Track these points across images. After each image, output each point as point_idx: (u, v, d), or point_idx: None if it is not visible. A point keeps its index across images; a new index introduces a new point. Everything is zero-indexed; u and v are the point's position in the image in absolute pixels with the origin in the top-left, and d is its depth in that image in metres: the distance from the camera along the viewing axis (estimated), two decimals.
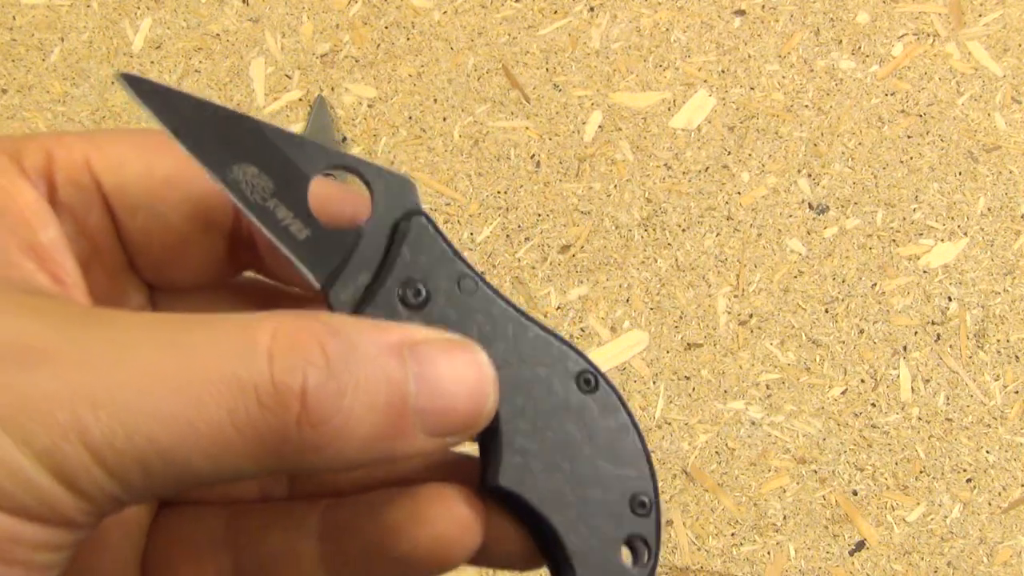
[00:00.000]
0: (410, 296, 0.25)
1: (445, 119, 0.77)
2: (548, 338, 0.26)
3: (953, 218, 0.74)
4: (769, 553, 0.67)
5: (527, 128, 0.77)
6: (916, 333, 0.71)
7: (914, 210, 0.74)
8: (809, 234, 0.74)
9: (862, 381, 0.70)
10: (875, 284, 0.72)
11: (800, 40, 0.79)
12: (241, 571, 0.27)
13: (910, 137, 0.76)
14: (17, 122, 0.77)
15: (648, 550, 0.26)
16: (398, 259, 0.25)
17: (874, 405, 0.70)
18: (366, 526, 0.26)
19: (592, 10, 0.80)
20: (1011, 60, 0.78)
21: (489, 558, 0.26)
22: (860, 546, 0.67)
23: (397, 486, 0.27)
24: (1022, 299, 0.72)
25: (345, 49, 0.79)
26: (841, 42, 0.79)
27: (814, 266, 0.73)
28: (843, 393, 0.70)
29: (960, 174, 0.75)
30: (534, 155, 0.76)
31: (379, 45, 0.79)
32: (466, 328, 0.25)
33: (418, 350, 0.22)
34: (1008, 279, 0.73)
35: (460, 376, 0.23)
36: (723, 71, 0.78)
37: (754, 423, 0.69)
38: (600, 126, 0.77)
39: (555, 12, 0.80)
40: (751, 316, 0.72)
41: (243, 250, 0.27)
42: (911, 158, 0.76)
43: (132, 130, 0.27)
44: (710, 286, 0.72)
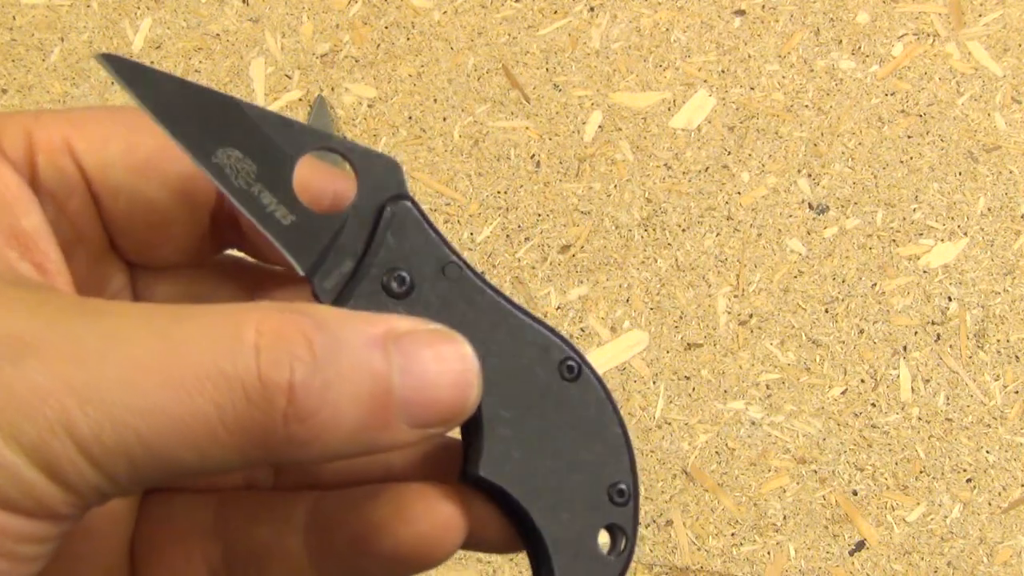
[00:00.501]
0: (394, 284, 0.25)
1: (445, 119, 0.77)
2: (532, 325, 0.26)
3: (953, 218, 0.74)
4: (769, 553, 0.67)
5: (527, 128, 0.77)
6: (916, 333, 0.71)
7: (914, 210, 0.74)
8: (809, 234, 0.74)
9: (862, 381, 0.70)
10: (875, 284, 0.72)
11: (800, 40, 0.79)
12: (230, 561, 0.27)
13: (910, 137, 0.76)
14: None
15: (625, 538, 0.26)
16: (383, 246, 0.25)
17: (874, 405, 0.70)
18: (351, 522, 0.26)
19: (592, 10, 0.80)
20: (1011, 60, 0.78)
21: (470, 543, 0.26)
22: (860, 546, 0.67)
23: (382, 477, 0.27)
24: (1022, 299, 0.72)
25: (345, 49, 0.79)
26: (841, 42, 0.79)
27: (814, 266, 0.73)
28: (843, 393, 0.70)
29: (960, 174, 0.75)
30: (534, 155, 0.76)
31: (379, 45, 0.79)
32: (450, 315, 0.25)
33: (403, 342, 0.22)
34: (1008, 279, 0.73)
35: (444, 368, 0.23)
36: (723, 71, 0.78)
37: (754, 423, 0.69)
38: (600, 126, 0.77)
39: (555, 12, 0.80)
40: (751, 316, 0.72)
41: (226, 228, 0.27)
42: (911, 158, 0.76)
43: (113, 108, 0.26)
44: (710, 286, 0.72)
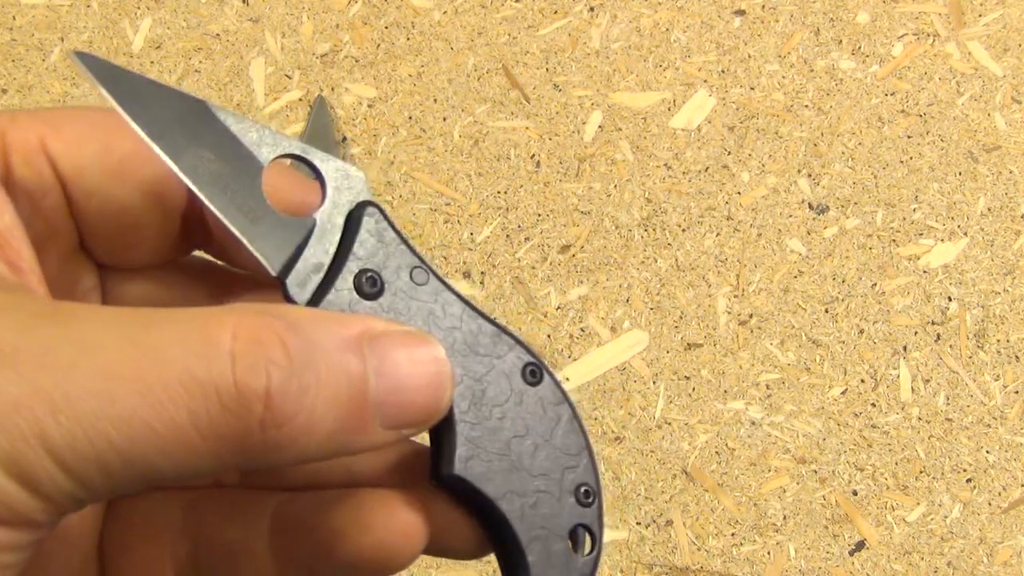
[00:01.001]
0: (366, 285, 0.25)
1: (445, 119, 0.77)
2: (495, 330, 0.26)
3: (953, 218, 0.74)
4: (769, 553, 0.67)
5: (527, 128, 0.77)
6: (916, 333, 0.71)
7: (914, 210, 0.74)
8: (809, 234, 0.74)
9: (862, 381, 0.70)
10: (875, 284, 0.72)
11: (800, 40, 0.79)
12: (197, 559, 0.27)
13: (910, 137, 0.76)
14: None
15: (593, 539, 0.26)
16: (352, 249, 0.25)
17: (874, 405, 0.70)
18: (314, 527, 0.26)
19: (592, 10, 0.80)
20: (1011, 60, 0.78)
21: (436, 549, 0.26)
22: (860, 546, 0.67)
23: (348, 480, 0.27)
24: (1022, 299, 0.72)
25: (345, 49, 0.79)
26: (841, 42, 0.79)
27: (814, 266, 0.73)
28: (843, 393, 0.70)
29: (960, 174, 0.75)
30: (534, 155, 0.76)
31: (379, 45, 0.79)
32: (418, 318, 0.26)
33: (377, 343, 0.22)
34: (1008, 279, 0.73)
35: (419, 370, 0.23)
36: (723, 71, 0.78)
37: (754, 423, 0.69)
38: (600, 126, 0.77)
39: (555, 12, 0.80)
40: (751, 316, 0.72)
41: (195, 230, 0.27)
42: (911, 158, 0.76)
43: (88, 109, 0.26)
44: (710, 286, 0.72)
